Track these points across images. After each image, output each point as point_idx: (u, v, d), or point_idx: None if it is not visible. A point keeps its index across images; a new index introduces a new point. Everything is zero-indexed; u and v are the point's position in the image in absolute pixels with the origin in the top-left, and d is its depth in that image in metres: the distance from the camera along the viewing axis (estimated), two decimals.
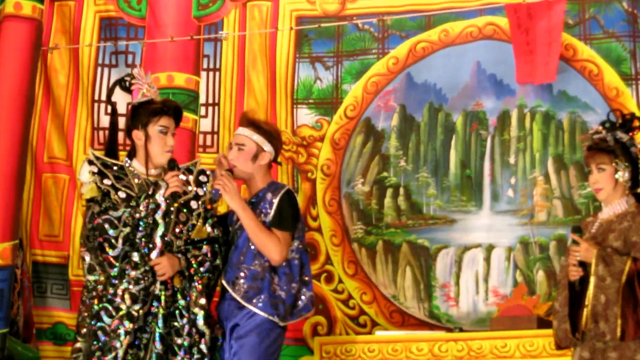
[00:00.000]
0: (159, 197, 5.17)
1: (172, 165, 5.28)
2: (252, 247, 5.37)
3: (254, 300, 5.27)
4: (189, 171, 5.41)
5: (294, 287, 5.33)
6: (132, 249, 5.14)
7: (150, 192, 5.20)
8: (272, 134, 5.50)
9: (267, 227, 5.36)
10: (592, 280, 4.98)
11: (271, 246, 5.30)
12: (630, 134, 5.19)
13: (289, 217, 5.37)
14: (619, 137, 5.15)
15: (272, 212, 5.37)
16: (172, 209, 5.21)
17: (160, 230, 5.17)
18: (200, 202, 5.35)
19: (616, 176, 5.13)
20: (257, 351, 5.25)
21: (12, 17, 6.60)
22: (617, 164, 5.13)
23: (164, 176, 5.26)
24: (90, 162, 5.28)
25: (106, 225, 5.12)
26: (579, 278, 5.05)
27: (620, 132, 5.16)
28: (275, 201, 5.37)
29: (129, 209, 5.15)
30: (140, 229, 5.14)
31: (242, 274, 5.31)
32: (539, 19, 6.57)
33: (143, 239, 5.14)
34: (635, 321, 4.90)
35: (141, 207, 5.15)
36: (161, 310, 5.13)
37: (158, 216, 5.16)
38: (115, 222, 5.13)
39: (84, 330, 5.22)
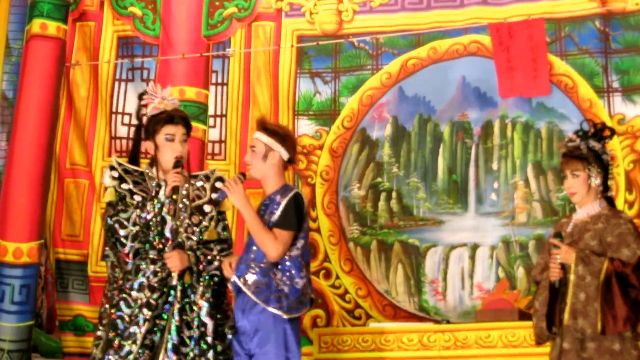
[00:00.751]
0: (162, 196, 5.27)
1: (176, 164, 5.32)
2: None
3: (261, 295, 5.27)
4: (206, 178, 5.47)
5: (297, 282, 5.30)
6: (143, 246, 5.23)
7: (153, 194, 5.29)
8: (279, 134, 5.44)
9: (269, 227, 5.31)
10: (572, 279, 5.06)
11: (267, 243, 5.26)
12: (602, 142, 5.30)
13: (292, 218, 5.32)
14: (592, 146, 5.25)
15: (277, 212, 5.34)
16: (174, 198, 5.26)
17: (168, 226, 5.27)
18: (214, 206, 5.42)
19: (589, 181, 5.23)
20: (280, 347, 5.27)
21: (38, 37, 6.89)
22: (590, 170, 5.22)
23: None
24: (112, 168, 5.37)
25: (116, 226, 5.23)
26: (559, 278, 5.12)
27: (593, 141, 5.27)
28: (283, 202, 5.33)
29: (137, 210, 5.24)
30: (152, 228, 5.24)
31: (252, 270, 5.30)
32: (520, 37, 6.77)
33: (156, 237, 5.25)
34: (613, 316, 4.99)
35: (148, 208, 5.25)
36: (176, 304, 5.22)
37: (164, 213, 5.27)
38: (125, 222, 5.23)
39: (105, 320, 5.36)
